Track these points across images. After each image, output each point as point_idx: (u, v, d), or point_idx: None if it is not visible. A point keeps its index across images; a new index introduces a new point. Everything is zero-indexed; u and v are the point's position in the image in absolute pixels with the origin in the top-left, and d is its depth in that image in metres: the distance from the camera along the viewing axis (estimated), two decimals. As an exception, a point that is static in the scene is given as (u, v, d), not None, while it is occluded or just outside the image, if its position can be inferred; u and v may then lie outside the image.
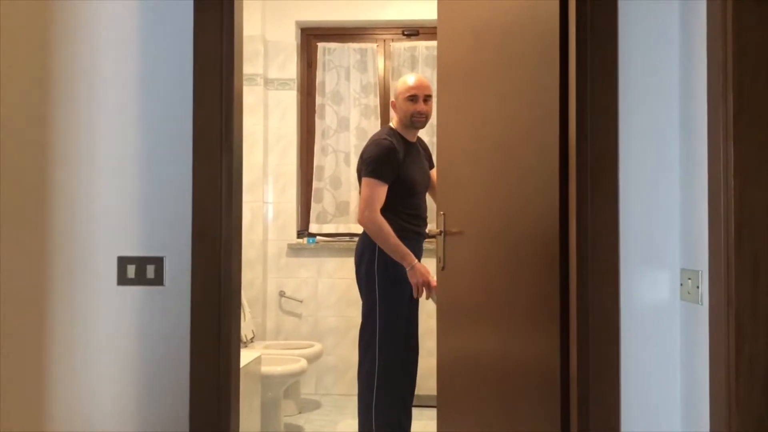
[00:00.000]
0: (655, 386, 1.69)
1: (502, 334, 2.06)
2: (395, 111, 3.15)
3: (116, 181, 1.80)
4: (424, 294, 2.99)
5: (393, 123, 3.18)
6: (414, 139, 3.17)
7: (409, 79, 3.12)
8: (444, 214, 2.39)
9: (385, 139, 3.04)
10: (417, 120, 3.08)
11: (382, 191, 2.99)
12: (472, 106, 2.25)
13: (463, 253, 2.29)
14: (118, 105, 1.80)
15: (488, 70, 2.15)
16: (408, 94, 3.07)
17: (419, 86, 3.08)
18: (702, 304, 1.54)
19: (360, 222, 3.03)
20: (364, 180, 3.02)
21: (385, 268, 3.02)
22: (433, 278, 2.92)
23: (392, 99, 3.21)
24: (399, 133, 3.10)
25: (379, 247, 3.01)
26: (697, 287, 1.56)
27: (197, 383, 1.78)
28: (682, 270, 1.65)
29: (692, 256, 1.61)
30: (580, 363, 1.70)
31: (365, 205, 2.99)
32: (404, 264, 2.97)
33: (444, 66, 2.48)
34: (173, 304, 1.79)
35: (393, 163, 2.99)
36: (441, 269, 2.42)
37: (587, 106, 1.70)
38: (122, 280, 1.80)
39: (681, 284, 1.66)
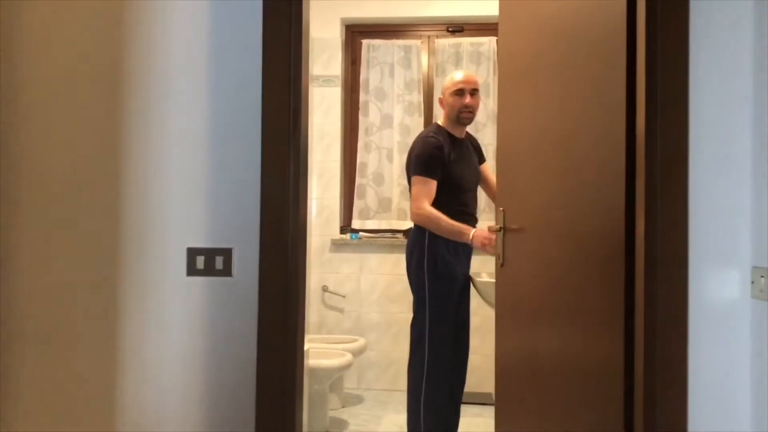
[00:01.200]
0: (724, 387, 1.68)
1: (564, 333, 2.06)
2: (442, 107, 3.18)
3: (186, 173, 1.84)
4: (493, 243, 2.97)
5: (440, 120, 3.19)
6: (462, 135, 3.18)
7: (456, 75, 3.15)
8: (503, 210, 2.39)
9: (431, 137, 3.06)
10: (464, 114, 3.10)
11: (431, 186, 3.01)
12: (533, 102, 2.25)
13: (523, 250, 2.29)
14: (190, 101, 1.84)
15: (551, 67, 2.15)
16: (455, 89, 3.09)
17: (466, 81, 3.10)
18: (776, 303, 1.53)
19: (412, 219, 3.06)
20: (413, 178, 3.06)
21: (435, 265, 3.03)
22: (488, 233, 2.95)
23: (440, 96, 3.23)
24: (446, 130, 3.12)
25: (428, 244, 3.03)
26: (771, 285, 1.54)
27: (264, 373, 1.81)
28: (754, 267, 1.64)
29: (764, 253, 1.59)
30: (646, 364, 1.69)
31: (415, 200, 3.02)
32: (465, 239, 3.01)
33: (505, 62, 2.48)
34: (241, 295, 1.83)
35: (440, 159, 3.02)
36: (500, 266, 2.42)
37: (657, 103, 1.69)
38: (191, 271, 1.83)
39: (752, 282, 1.64)
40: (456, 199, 3.08)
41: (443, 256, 3.01)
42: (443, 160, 3.02)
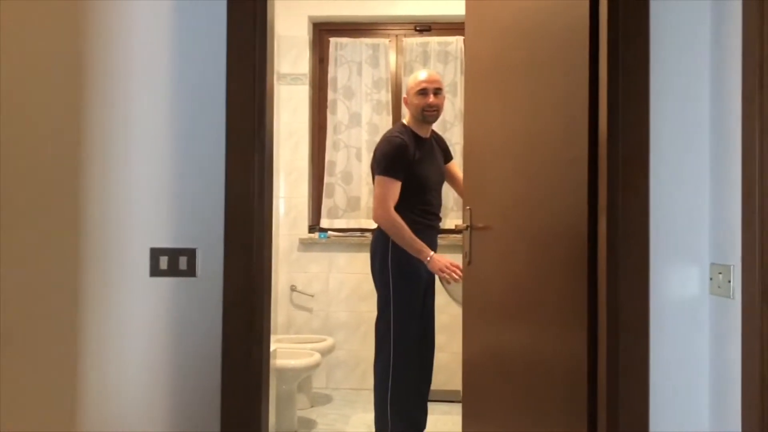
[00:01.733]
0: (684, 382, 1.71)
1: (529, 330, 2.08)
2: (407, 107, 3.19)
3: (149, 173, 1.82)
4: (457, 275, 2.99)
5: (406, 119, 3.20)
6: (427, 135, 3.19)
7: (420, 74, 3.17)
8: (470, 208, 2.40)
9: (396, 136, 3.07)
10: (428, 113, 3.11)
11: (395, 188, 3.01)
12: (499, 102, 2.27)
13: (489, 248, 2.31)
14: (152, 99, 1.82)
15: (516, 65, 2.16)
16: (418, 88, 3.10)
17: (429, 80, 3.12)
18: (733, 298, 1.56)
19: (375, 219, 3.06)
20: (377, 178, 3.05)
21: (398, 264, 3.04)
22: (454, 261, 2.96)
23: (404, 95, 3.25)
24: (411, 130, 3.13)
25: (392, 243, 3.03)
26: (729, 281, 1.58)
27: (229, 373, 1.79)
28: (712, 264, 1.67)
29: (723, 250, 1.63)
30: (609, 360, 1.72)
31: (379, 202, 3.02)
32: (421, 257, 2.99)
33: (471, 62, 2.49)
34: (205, 296, 1.81)
35: (405, 159, 3.02)
36: (467, 264, 2.44)
37: (619, 103, 1.71)
38: (155, 271, 1.81)
39: (711, 278, 1.68)
40: (420, 198, 3.09)
41: (407, 255, 3.02)
42: (408, 159, 3.03)
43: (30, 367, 1.82)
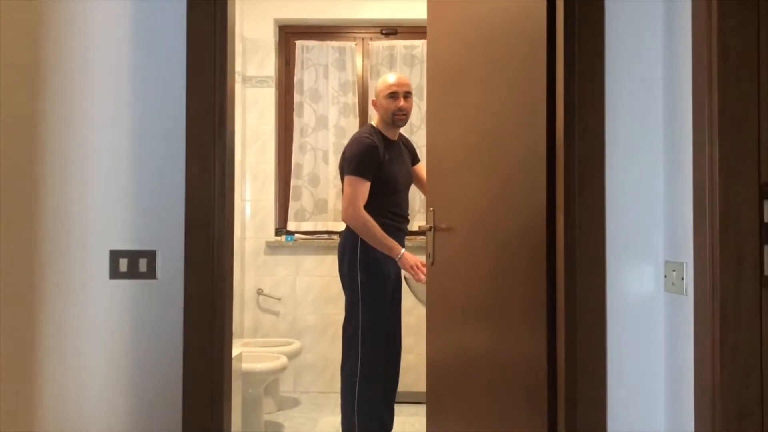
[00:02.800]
0: (640, 377, 1.74)
1: (491, 330, 2.10)
2: (376, 109, 3.19)
3: (107, 175, 1.80)
4: (423, 276, 3.04)
5: (374, 122, 3.21)
6: (395, 138, 3.20)
7: (389, 78, 3.17)
8: (433, 210, 2.42)
9: (366, 137, 3.07)
10: (398, 117, 3.12)
11: (364, 188, 3.02)
12: (461, 103, 2.29)
13: (452, 249, 2.32)
14: (110, 100, 1.81)
15: (476, 67, 2.19)
16: (388, 92, 3.11)
17: (399, 83, 3.13)
18: (687, 295, 1.60)
19: (344, 219, 3.06)
20: (346, 178, 3.05)
21: (367, 265, 3.04)
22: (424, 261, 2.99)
23: (373, 98, 3.25)
24: (380, 132, 3.14)
25: (360, 244, 3.04)
26: (682, 278, 1.61)
27: (190, 376, 1.78)
28: (666, 262, 1.71)
29: (676, 248, 1.67)
30: (567, 358, 1.74)
31: (348, 202, 3.02)
32: (393, 255, 3.02)
33: (433, 64, 2.51)
34: (166, 298, 1.80)
35: (374, 160, 3.03)
36: (430, 264, 2.45)
37: (574, 103, 1.75)
38: (114, 273, 1.79)
39: (665, 276, 1.71)
40: (389, 200, 3.10)
41: (375, 256, 3.03)
42: (378, 161, 3.04)
43: (-14, 372, 1.78)
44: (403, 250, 3.05)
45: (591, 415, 1.75)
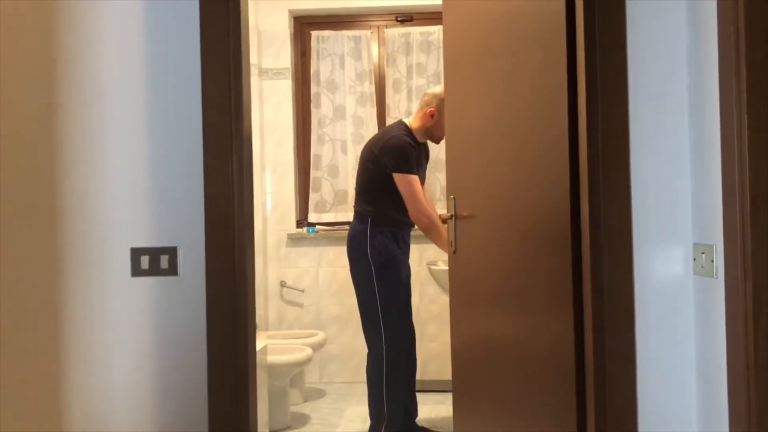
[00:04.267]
0: (671, 361, 1.71)
1: (516, 318, 2.07)
2: (431, 121, 3.12)
3: (127, 172, 1.80)
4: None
5: (409, 121, 3.19)
6: (422, 140, 3.20)
7: None
8: (454, 197, 2.39)
9: (405, 135, 3.09)
10: (442, 138, 3.11)
11: (417, 182, 3.06)
12: (480, 90, 2.25)
13: (474, 237, 2.30)
14: (128, 97, 1.80)
15: (495, 54, 2.15)
16: None
17: None
18: (717, 278, 1.56)
19: (413, 218, 3.07)
20: (396, 176, 3.04)
21: (379, 254, 3.05)
22: None
23: (432, 108, 3.11)
24: (413, 134, 3.13)
25: (370, 233, 3.04)
26: (712, 261, 1.57)
27: (215, 372, 1.78)
28: (695, 245, 1.67)
29: (705, 230, 1.62)
30: (595, 343, 1.71)
31: (411, 200, 3.03)
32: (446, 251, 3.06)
33: (450, 52, 2.48)
34: (188, 294, 1.79)
35: (414, 155, 3.07)
36: (453, 253, 2.43)
37: (597, 85, 1.70)
38: (136, 271, 1.79)
39: (694, 259, 1.67)
40: (402, 204, 3.08)
41: (386, 245, 3.05)
42: (415, 156, 3.08)
43: (13, 369, 1.79)
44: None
45: (620, 401, 1.72)
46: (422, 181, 3.25)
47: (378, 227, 3.07)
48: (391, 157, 3.05)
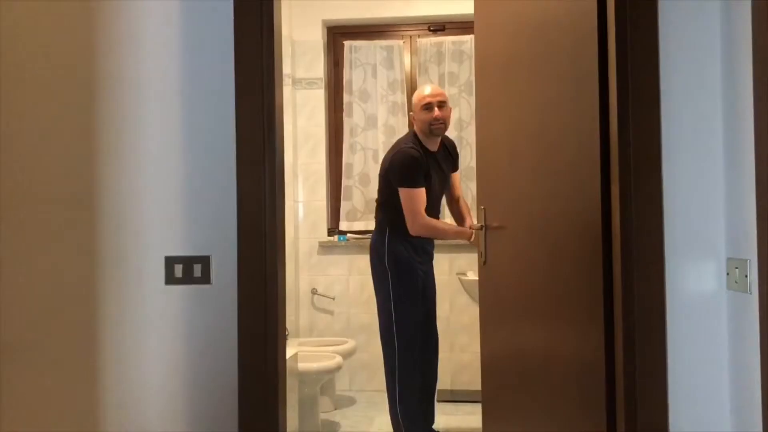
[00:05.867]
0: (703, 379, 1.68)
1: (546, 329, 2.06)
2: (415, 123, 3.20)
3: (162, 182, 1.84)
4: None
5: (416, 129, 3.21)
6: (435, 148, 3.19)
7: (424, 90, 3.20)
8: (484, 208, 2.39)
9: (412, 148, 3.10)
10: (435, 126, 3.12)
11: (420, 195, 3.06)
12: (510, 101, 2.25)
13: (504, 248, 2.29)
14: (163, 107, 1.84)
15: (526, 64, 2.15)
16: (423, 104, 3.13)
17: (433, 94, 3.15)
18: (750, 293, 1.53)
19: (412, 233, 3.08)
20: (399, 191, 3.07)
21: (396, 264, 3.08)
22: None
23: (410, 113, 3.25)
24: (421, 143, 3.14)
25: (389, 243, 3.08)
26: (746, 276, 1.55)
27: (245, 379, 1.81)
28: (729, 259, 1.65)
29: (739, 245, 1.60)
30: (626, 357, 1.70)
31: (409, 215, 3.05)
32: (465, 237, 3.16)
33: (481, 61, 2.48)
34: (220, 302, 1.82)
35: (422, 168, 3.08)
36: (483, 264, 2.43)
37: (629, 97, 1.69)
38: (170, 279, 1.83)
39: (727, 273, 1.65)
40: None
41: (402, 254, 3.09)
42: (423, 167, 3.09)
43: (50, 375, 1.84)
44: (466, 230, 3.16)
45: (651, 417, 1.70)
46: (444, 184, 3.25)
47: (396, 236, 3.11)
48: (394, 173, 3.10)
